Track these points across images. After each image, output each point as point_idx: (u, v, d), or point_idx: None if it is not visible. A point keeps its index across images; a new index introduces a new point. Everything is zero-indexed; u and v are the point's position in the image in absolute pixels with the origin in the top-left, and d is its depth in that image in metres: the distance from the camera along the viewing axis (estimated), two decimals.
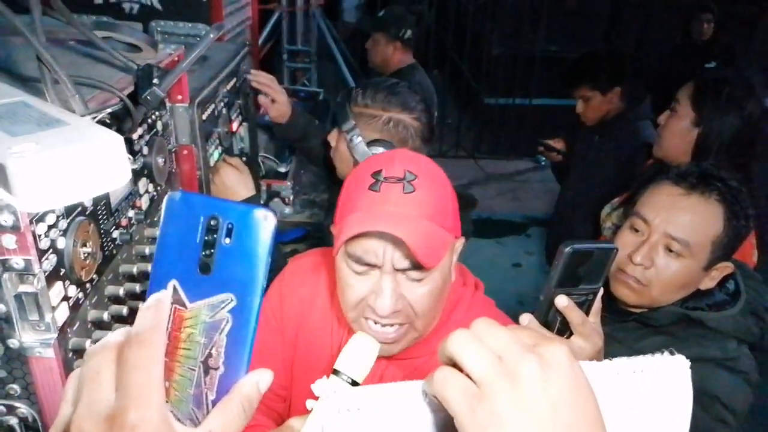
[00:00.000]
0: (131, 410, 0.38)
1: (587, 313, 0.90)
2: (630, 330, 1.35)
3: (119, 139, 0.54)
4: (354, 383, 0.88)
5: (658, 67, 4.84)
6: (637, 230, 1.32)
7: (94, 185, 0.53)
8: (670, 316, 1.30)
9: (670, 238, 1.25)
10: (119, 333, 0.44)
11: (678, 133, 1.89)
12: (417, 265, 0.92)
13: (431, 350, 1.06)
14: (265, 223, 0.42)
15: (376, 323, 0.97)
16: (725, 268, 1.29)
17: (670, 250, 1.26)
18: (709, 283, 1.30)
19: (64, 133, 0.53)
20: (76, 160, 0.51)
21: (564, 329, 0.91)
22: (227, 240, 0.43)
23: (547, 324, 0.90)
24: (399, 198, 0.93)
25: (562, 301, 0.86)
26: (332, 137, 1.74)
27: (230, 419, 0.42)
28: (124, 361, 0.40)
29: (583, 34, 6.22)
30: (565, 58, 3.49)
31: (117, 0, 1.87)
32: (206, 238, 0.43)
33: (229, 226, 0.43)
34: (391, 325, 0.97)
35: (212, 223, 0.43)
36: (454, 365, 0.47)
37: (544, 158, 2.98)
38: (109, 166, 0.53)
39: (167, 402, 0.42)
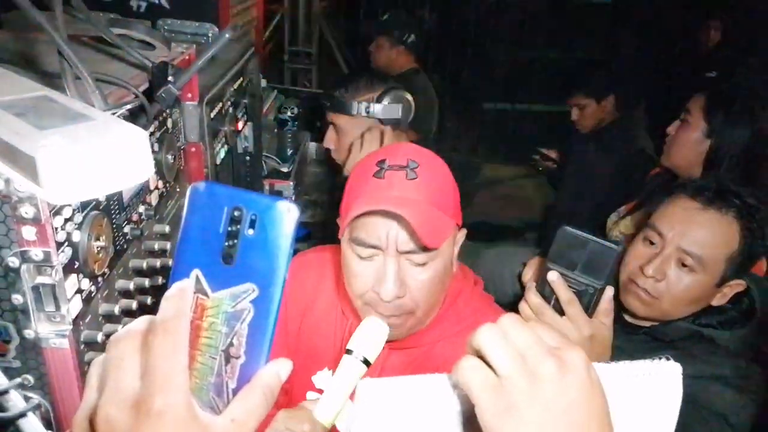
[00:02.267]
0: (157, 397, 0.39)
1: (589, 307, 0.91)
2: (639, 343, 1.34)
3: (144, 135, 0.55)
4: (366, 362, 0.94)
5: (657, 76, 4.87)
6: (651, 242, 1.31)
7: (119, 179, 0.54)
8: (680, 332, 1.29)
9: (683, 252, 1.24)
10: (142, 321, 0.45)
11: (689, 143, 1.88)
12: (420, 248, 0.95)
13: (431, 340, 1.08)
14: (288, 215, 0.43)
15: (383, 316, 0.99)
16: (738, 285, 1.27)
17: (684, 265, 1.24)
18: (721, 299, 1.29)
19: (91, 127, 0.54)
20: (103, 154, 0.52)
21: (560, 308, 0.93)
22: (250, 231, 0.43)
23: (543, 297, 0.94)
24: (402, 183, 0.96)
25: (552, 276, 0.90)
26: (331, 139, 1.83)
27: (252, 407, 0.43)
28: (149, 348, 0.41)
29: (583, 40, 6.25)
30: (565, 64, 3.52)
31: None
32: (230, 228, 0.44)
33: (253, 217, 0.43)
34: (395, 316, 1.00)
35: (236, 214, 0.44)
36: (480, 357, 0.50)
37: (540, 168, 3.01)
38: (134, 160, 0.55)
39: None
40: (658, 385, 0.61)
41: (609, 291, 0.92)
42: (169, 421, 0.39)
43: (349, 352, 0.94)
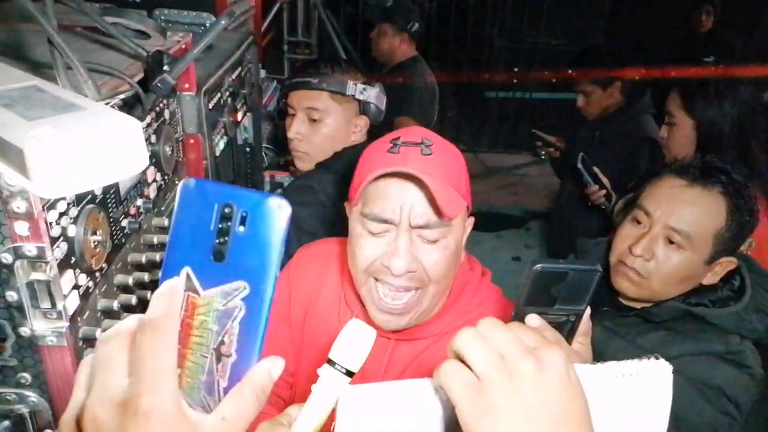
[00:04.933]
0: (144, 396, 0.39)
1: (570, 334, 0.83)
2: (631, 325, 1.35)
3: (137, 124, 0.53)
4: (349, 373, 0.82)
5: (658, 61, 4.83)
6: (639, 222, 1.32)
7: (112, 171, 0.52)
8: (671, 312, 1.29)
9: (671, 229, 1.25)
10: (132, 320, 0.44)
11: (683, 141, 1.92)
12: (434, 221, 0.94)
13: (437, 332, 1.07)
14: (279, 211, 0.42)
15: (390, 289, 0.98)
16: (728, 263, 1.28)
17: (671, 242, 1.25)
18: (711, 278, 1.29)
19: (81, 117, 0.52)
20: (95, 144, 0.50)
21: None
22: (241, 228, 0.43)
23: None
24: (418, 158, 0.95)
25: (532, 321, 0.76)
26: (301, 126, 1.70)
27: (243, 406, 0.43)
28: (137, 347, 0.41)
29: (585, 27, 6.20)
30: (566, 52, 3.49)
31: None
32: (220, 225, 0.43)
33: (244, 214, 0.43)
34: (407, 289, 0.98)
35: (227, 210, 0.43)
36: (462, 360, 0.51)
37: (543, 153, 2.98)
38: (127, 151, 0.53)
39: (179, 388, 0.42)
40: (648, 384, 0.62)
41: (587, 311, 0.84)
42: (157, 420, 0.39)
43: (330, 362, 0.82)
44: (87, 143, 0.49)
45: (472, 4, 6.01)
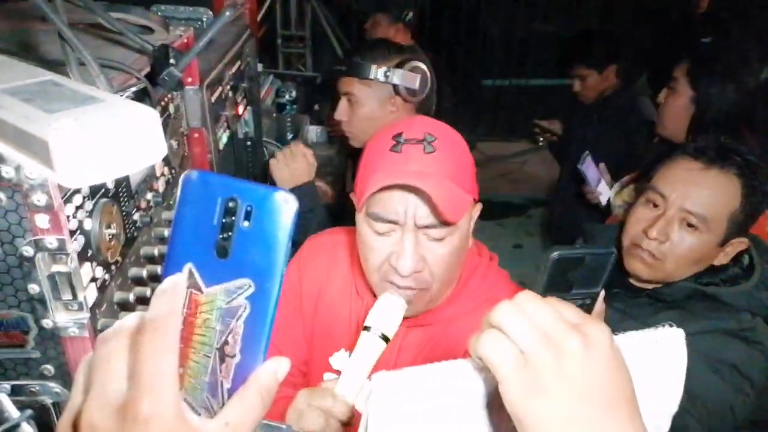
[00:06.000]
0: (144, 401, 0.37)
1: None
2: (643, 305, 1.36)
3: (155, 115, 0.54)
4: (385, 338, 0.93)
5: (654, 43, 4.83)
6: (654, 205, 1.32)
7: (133, 160, 0.53)
8: (683, 291, 1.30)
9: (687, 212, 1.25)
10: (132, 318, 0.43)
11: (678, 110, 1.91)
12: (438, 222, 0.94)
13: (448, 317, 1.08)
14: (285, 206, 0.40)
15: (396, 289, 0.99)
16: (740, 243, 1.29)
17: (688, 225, 1.25)
18: (723, 258, 1.30)
19: (102, 109, 0.53)
20: (115, 134, 0.51)
21: None
22: (246, 223, 0.41)
23: None
24: (420, 157, 0.95)
25: None
26: (344, 110, 1.81)
27: (248, 410, 0.41)
28: (137, 348, 0.39)
29: (579, 12, 6.18)
30: (562, 38, 3.49)
31: None
32: (224, 220, 0.42)
33: (248, 208, 0.41)
34: (411, 290, 0.99)
35: (230, 204, 0.41)
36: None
37: (542, 139, 2.99)
38: (147, 141, 0.53)
39: (181, 389, 0.41)
40: (663, 351, 0.62)
41: (601, 293, 0.88)
42: (157, 427, 0.37)
43: (366, 328, 0.94)
44: (109, 133, 0.50)
45: None
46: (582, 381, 0.45)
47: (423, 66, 1.73)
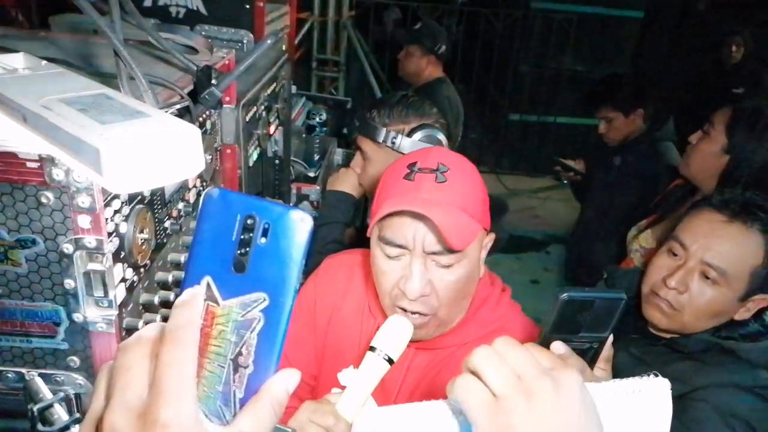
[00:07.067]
0: (163, 408, 0.39)
1: (593, 360, 0.85)
2: (659, 354, 1.35)
3: (197, 131, 0.59)
4: (389, 360, 0.95)
5: (685, 92, 4.84)
6: (674, 254, 1.31)
7: (173, 172, 0.58)
8: (700, 344, 1.29)
9: (706, 265, 1.24)
10: (153, 328, 0.45)
11: (708, 155, 1.89)
12: (446, 250, 0.97)
13: (456, 343, 1.10)
14: (301, 224, 0.42)
15: (407, 312, 1.02)
16: (762, 300, 1.27)
17: (707, 277, 1.24)
18: (744, 314, 1.28)
19: (149, 123, 0.59)
20: (160, 147, 0.56)
21: None
22: (263, 239, 0.43)
23: None
24: (432, 186, 0.99)
25: (558, 348, 0.78)
26: (357, 163, 1.80)
27: (260, 420, 0.43)
28: (158, 357, 0.41)
29: (611, 55, 6.23)
30: (591, 78, 3.53)
31: (164, 3, 1.95)
32: (242, 236, 0.44)
33: (266, 225, 0.43)
34: (420, 314, 1.02)
35: (249, 222, 0.43)
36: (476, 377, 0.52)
37: (563, 176, 3.01)
38: (187, 155, 0.58)
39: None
40: (648, 401, 0.63)
41: (609, 338, 0.86)
42: None
43: (372, 349, 0.97)
44: (154, 146, 0.55)
45: (499, 29, 6.09)
46: (551, 423, 0.48)
47: (439, 136, 1.62)
